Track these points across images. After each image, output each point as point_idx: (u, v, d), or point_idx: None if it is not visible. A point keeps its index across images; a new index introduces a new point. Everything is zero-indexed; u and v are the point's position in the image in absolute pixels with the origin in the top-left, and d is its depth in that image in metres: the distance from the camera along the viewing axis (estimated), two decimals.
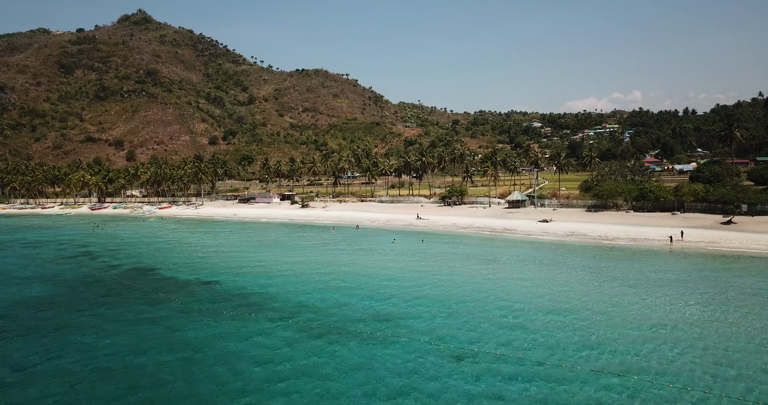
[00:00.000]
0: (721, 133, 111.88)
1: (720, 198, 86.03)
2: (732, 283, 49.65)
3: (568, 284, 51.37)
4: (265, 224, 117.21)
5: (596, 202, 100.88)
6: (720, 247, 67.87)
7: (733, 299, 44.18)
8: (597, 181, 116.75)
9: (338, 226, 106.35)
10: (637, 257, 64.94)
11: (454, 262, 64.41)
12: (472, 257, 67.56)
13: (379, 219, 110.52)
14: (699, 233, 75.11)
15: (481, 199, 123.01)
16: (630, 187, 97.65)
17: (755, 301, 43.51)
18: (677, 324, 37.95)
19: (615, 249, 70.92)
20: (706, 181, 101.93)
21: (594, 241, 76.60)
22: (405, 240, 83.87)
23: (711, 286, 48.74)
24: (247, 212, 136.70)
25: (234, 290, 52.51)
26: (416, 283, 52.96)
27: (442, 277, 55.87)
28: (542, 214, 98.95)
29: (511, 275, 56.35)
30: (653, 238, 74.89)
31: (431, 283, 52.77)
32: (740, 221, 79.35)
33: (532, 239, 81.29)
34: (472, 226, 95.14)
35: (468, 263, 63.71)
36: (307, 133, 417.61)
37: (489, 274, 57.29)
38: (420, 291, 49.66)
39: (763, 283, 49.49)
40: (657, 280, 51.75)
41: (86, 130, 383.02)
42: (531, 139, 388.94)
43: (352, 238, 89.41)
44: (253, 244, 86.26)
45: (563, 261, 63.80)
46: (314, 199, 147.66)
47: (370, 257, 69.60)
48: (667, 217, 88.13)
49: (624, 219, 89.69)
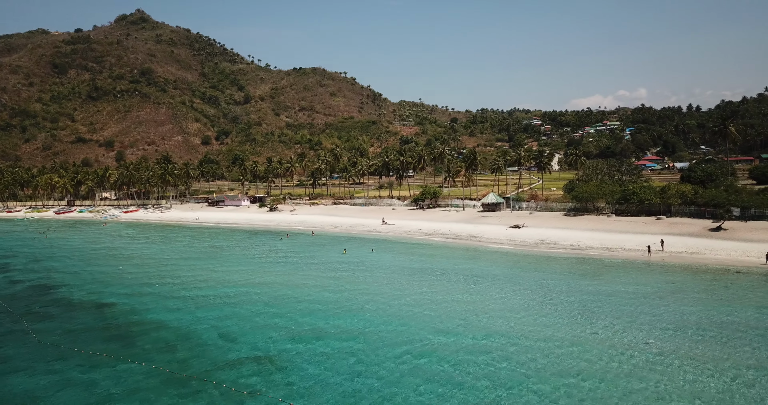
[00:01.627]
0: (715, 128, 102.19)
1: (710, 201, 76.79)
2: (708, 312, 40.72)
3: (505, 310, 42.67)
4: (221, 230, 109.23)
5: (576, 205, 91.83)
6: (704, 259, 58.83)
7: (704, 338, 35.30)
8: (583, 182, 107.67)
9: (295, 232, 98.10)
10: (605, 272, 56.00)
11: (395, 278, 55.88)
12: (418, 272, 58.83)
13: (343, 224, 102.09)
14: (683, 242, 66.02)
15: (456, 202, 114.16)
16: (612, 189, 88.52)
17: (737, 342, 34.57)
18: (616, 376, 29.17)
19: (584, 261, 62.02)
20: (699, 181, 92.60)
21: (564, 252, 67.71)
22: (357, 250, 75.37)
23: (679, 316, 39.84)
24: (211, 216, 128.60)
25: (120, 316, 44.83)
26: (330, 307, 44.58)
27: (365, 298, 47.42)
28: (516, 219, 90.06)
29: (448, 296, 47.73)
30: (630, 248, 65.90)
31: (346, 309, 44.29)
32: (731, 227, 70.14)
33: (495, 249, 72.47)
34: (437, 233, 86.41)
35: (408, 280, 55.12)
36: (302, 132, 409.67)
37: (424, 294, 48.72)
38: (327, 321, 41.16)
39: (748, 311, 40.48)
40: (614, 305, 42.91)
41: (77, 130, 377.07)
42: (530, 137, 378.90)
43: (301, 247, 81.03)
44: (190, 254, 78.13)
45: (518, 277, 55.02)
46: (283, 202, 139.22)
47: (303, 272, 61.26)
48: (652, 222, 78.99)
49: (603, 224, 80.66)
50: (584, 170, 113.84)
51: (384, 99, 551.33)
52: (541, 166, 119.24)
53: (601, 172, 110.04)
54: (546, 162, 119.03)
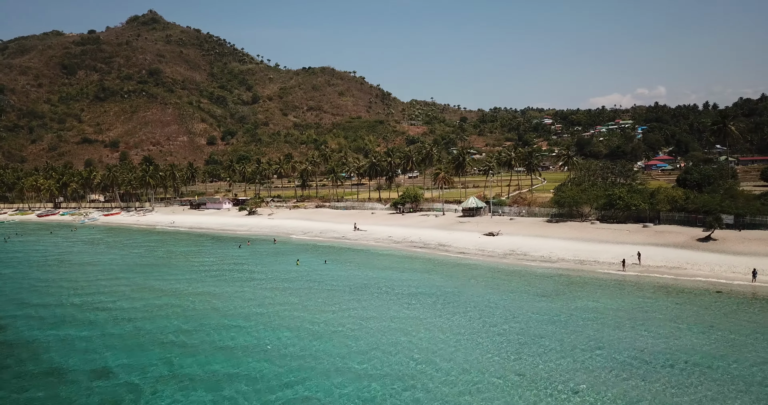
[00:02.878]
0: (713, 127, 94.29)
1: (701, 207, 69.46)
2: (669, 348, 34.14)
3: (425, 340, 36.48)
4: (189, 235, 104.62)
5: (560, 210, 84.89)
6: (683, 276, 51.90)
7: (651, 385, 28.78)
8: (575, 185, 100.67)
9: (261, 238, 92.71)
10: (567, 291, 49.40)
11: (328, 297, 50.19)
12: (359, 289, 52.84)
13: (314, 230, 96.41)
14: (664, 254, 59.01)
15: (437, 206, 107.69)
16: (597, 194, 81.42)
17: (699, 389, 28.01)
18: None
19: (551, 276, 55.43)
20: (695, 184, 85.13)
21: (532, 264, 61.14)
22: (312, 260, 69.69)
23: (630, 353, 33.30)
24: (187, 220, 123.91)
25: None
26: (219, 336, 38.78)
27: (277, 323, 41.57)
28: (494, 225, 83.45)
29: (370, 323, 41.74)
30: (605, 261, 59.10)
31: (244, 335, 38.47)
32: (722, 237, 62.85)
33: (459, 260, 66.15)
34: (406, 241, 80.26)
35: (341, 299, 49.29)
36: (308, 132, 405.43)
37: (345, 318, 42.83)
38: (200, 357, 35.38)
39: (716, 347, 33.78)
40: (558, 336, 36.51)
41: (83, 131, 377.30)
42: (540, 136, 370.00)
43: (255, 256, 75.62)
44: (138, 263, 73.34)
45: (468, 295, 48.79)
46: (262, 205, 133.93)
47: (234, 288, 55.74)
48: (637, 230, 71.87)
49: (584, 232, 73.73)
50: (576, 172, 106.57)
51: (393, 98, 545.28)
52: (531, 167, 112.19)
53: (594, 173, 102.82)
54: (536, 163, 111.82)
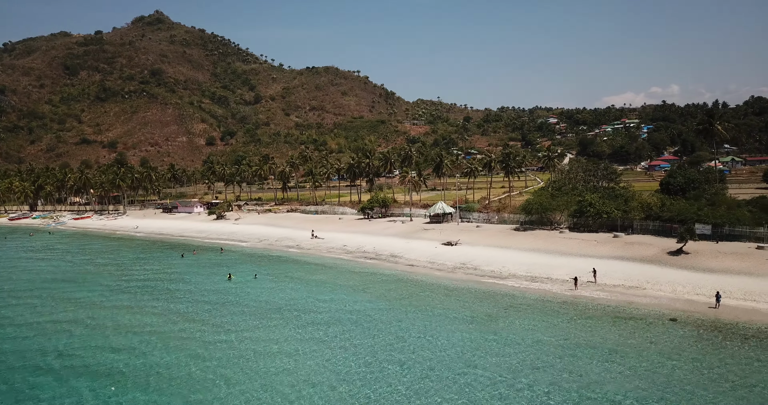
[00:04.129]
0: (699, 127, 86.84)
1: (676, 215, 62.38)
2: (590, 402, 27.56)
3: (303, 383, 30.17)
4: (144, 241, 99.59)
5: (530, 217, 78.08)
6: (641, 297, 45.18)
7: None
8: (555, 188, 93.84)
9: (210, 246, 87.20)
10: (503, 316, 42.99)
11: (238, 320, 44.52)
12: (277, 310, 47.02)
13: (271, 237, 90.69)
14: (626, 270, 52.24)
15: (409, 212, 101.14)
16: (567, 200, 74.48)
17: None
18: None
19: (493, 296, 48.99)
20: (678, 188, 77.85)
21: (477, 281, 54.66)
22: (247, 274, 63.60)
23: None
24: (151, 225, 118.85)
25: None
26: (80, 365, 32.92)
27: (155, 347, 35.66)
28: (456, 234, 76.96)
29: (249, 362, 35.53)
30: (558, 278, 52.46)
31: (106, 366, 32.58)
32: (695, 250, 55.80)
33: (404, 274, 59.86)
34: (359, 250, 74.10)
35: (251, 322, 43.93)
36: (308, 133, 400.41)
37: (228, 351, 36.70)
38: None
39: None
40: (461, 381, 30.03)
41: (83, 131, 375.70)
42: (544, 136, 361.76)
43: (192, 267, 70.14)
44: (70, 273, 69.19)
45: (387, 321, 42.69)
46: (234, 209, 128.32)
47: (141, 304, 50.15)
48: (607, 240, 64.97)
49: (549, 243, 66.97)
50: (556, 175, 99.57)
51: (397, 98, 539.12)
52: (509, 169, 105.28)
53: (575, 177, 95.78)
54: (514, 165, 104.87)
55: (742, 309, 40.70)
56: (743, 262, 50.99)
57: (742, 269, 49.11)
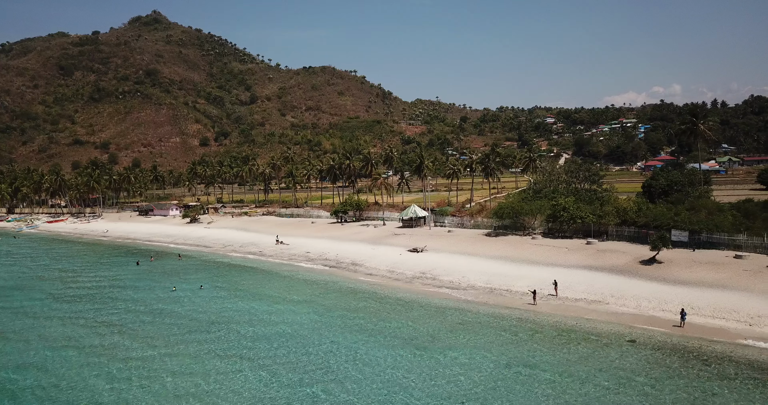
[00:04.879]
0: (682, 127, 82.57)
1: (651, 221, 58.30)
2: None
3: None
4: (109, 247, 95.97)
5: (501, 222, 74.08)
6: (602, 313, 41.34)
7: None
8: (535, 191, 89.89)
9: (171, 252, 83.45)
10: (448, 336, 39.17)
11: (159, 339, 40.76)
12: (206, 327, 43.52)
13: (236, 242, 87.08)
14: (591, 282, 48.28)
15: (387, 214, 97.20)
16: (541, 204, 70.38)
17: None
18: None
19: (444, 311, 45.17)
20: (661, 191, 73.87)
21: (435, 292, 50.84)
22: (195, 284, 59.83)
23: None
24: (122, 228, 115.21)
25: None
26: None
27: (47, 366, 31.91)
28: (426, 239, 73.08)
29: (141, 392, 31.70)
30: (518, 290, 48.51)
31: None
32: (670, 259, 51.74)
33: (359, 285, 56.01)
34: (322, 258, 70.33)
35: (175, 337, 40.49)
36: (303, 133, 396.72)
37: (153, 369, 33.03)
38: None
39: None
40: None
41: (75, 132, 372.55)
42: (541, 136, 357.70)
43: (144, 276, 66.49)
44: (16, 280, 64.99)
45: (315, 340, 38.87)
46: (211, 212, 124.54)
47: (68, 314, 46.50)
48: (579, 247, 60.93)
49: (518, 250, 62.95)
50: (536, 177, 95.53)
51: (395, 98, 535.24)
52: (488, 171, 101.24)
53: (557, 178, 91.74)
54: (493, 167, 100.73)
55: (708, 328, 36.73)
56: (718, 273, 46.93)
57: (716, 281, 45.06)
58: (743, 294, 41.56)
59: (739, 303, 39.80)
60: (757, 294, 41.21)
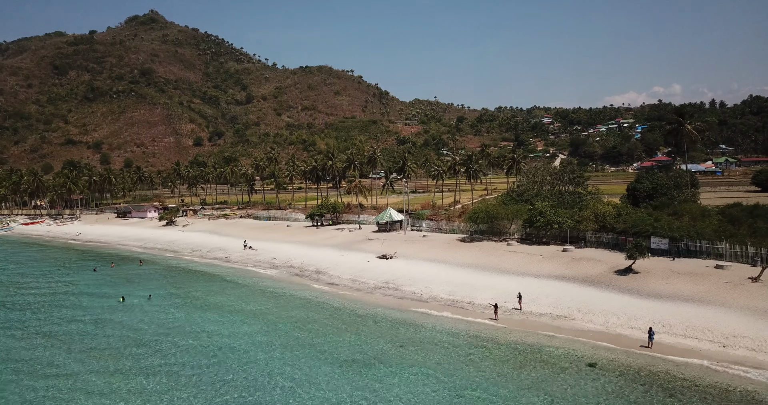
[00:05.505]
0: (668, 127, 78.90)
1: (629, 227, 54.77)
2: None
3: None
4: (73, 251, 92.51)
5: (481, 227, 70.58)
6: (566, 330, 37.93)
7: None
8: (518, 193, 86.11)
9: (134, 257, 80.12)
10: (393, 357, 35.80)
11: (82, 358, 37.52)
12: (141, 344, 40.12)
13: (204, 247, 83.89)
14: (561, 294, 44.94)
15: (364, 218, 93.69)
16: (517, 208, 66.80)
17: None
18: None
19: (397, 326, 41.82)
20: (645, 195, 70.32)
21: (395, 304, 47.48)
22: (147, 294, 56.45)
23: None
24: (95, 231, 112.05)
25: None
26: None
27: None
28: (399, 245, 69.73)
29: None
30: (481, 303, 45.10)
31: None
32: (647, 269, 48.23)
33: (317, 296, 52.69)
34: (287, 265, 67.08)
35: (97, 362, 36.84)
36: (298, 133, 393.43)
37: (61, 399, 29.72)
38: None
39: None
40: None
41: (68, 132, 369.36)
42: (538, 136, 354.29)
43: (98, 283, 63.59)
44: None
45: (244, 358, 35.48)
46: (189, 214, 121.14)
47: None
48: (554, 254, 57.43)
49: (491, 257, 59.48)
50: (521, 178, 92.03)
51: (392, 97, 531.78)
52: (470, 173, 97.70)
53: (540, 180, 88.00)
54: (476, 169, 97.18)
55: (679, 349, 33.28)
56: (696, 284, 43.44)
57: (693, 294, 41.58)
58: (720, 310, 38.08)
59: (714, 320, 36.32)
60: (734, 310, 37.71)
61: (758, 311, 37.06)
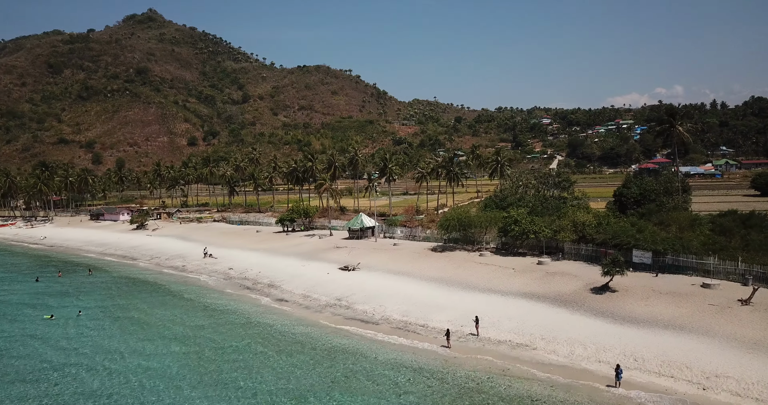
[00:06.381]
0: (658, 128, 73.70)
1: (611, 238, 49.58)
2: None
3: None
4: (28, 257, 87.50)
5: (448, 235, 65.49)
6: (523, 364, 32.81)
7: None
8: (500, 198, 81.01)
9: (86, 265, 75.19)
10: (306, 401, 30.51)
11: None
12: (28, 379, 35.21)
13: (165, 254, 79.06)
14: (524, 317, 39.74)
15: (338, 224, 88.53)
16: (491, 216, 61.56)
17: None
18: None
19: (337, 354, 36.75)
20: (633, 201, 65.24)
21: (339, 326, 42.29)
22: (84, 309, 51.65)
23: None
24: (61, 234, 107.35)
25: None
26: None
27: None
28: (366, 254, 64.76)
29: None
30: (436, 326, 40.06)
31: None
32: (626, 287, 43.06)
33: (262, 312, 47.68)
34: (241, 275, 62.06)
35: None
36: (293, 133, 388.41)
37: None
38: None
39: None
40: None
41: (61, 131, 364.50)
42: (536, 137, 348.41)
43: (33, 296, 58.73)
44: None
45: (141, 395, 30.22)
46: (160, 217, 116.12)
47: None
48: (528, 267, 52.26)
49: (461, 270, 54.38)
50: (504, 182, 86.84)
51: (390, 97, 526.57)
52: (451, 176, 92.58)
53: (524, 183, 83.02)
54: (458, 171, 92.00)
55: (652, 388, 28.31)
56: (679, 307, 38.29)
57: (674, 319, 36.45)
58: (703, 340, 32.92)
59: (695, 354, 31.15)
60: (719, 341, 32.54)
61: (746, 343, 31.88)
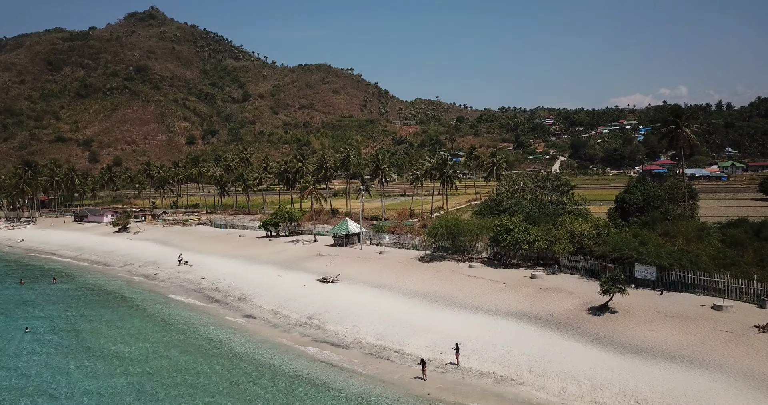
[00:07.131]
0: (663, 130, 69.12)
1: (611, 250, 45.00)
2: None
3: None
4: (8, 260, 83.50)
5: (436, 243, 61.02)
6: (505, 402, 28.15)
7: None
8: (495, 203, 76.42)
9: (53, 271, 71.09)
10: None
11: None
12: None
13: (140, 260, 75.18)
14: (511, 342, 35.32)
15: (321, 229, 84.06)
16: (482, 224, 56.94)
17: None
18: None
19: (295, 388, 32.37)
20: (636, 208, 60.71)
21: (305, 349, 37.94)
22: (31, 324, 47.37)
23: None
24: (42, 236, 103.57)
25: None
26: None
27: None
28: (349, 263, 60.38)
29: None
30: (411, 352, 35.67)
31: None
32: (628, 306, 38.55)
33: (224, 332, 43.30)
34: (212, 286, 57.87)
35: None
36: (293, 132, 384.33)
37: None
38: None
39: None
40: None
41: (59, 129, 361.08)
42: (538, 137, 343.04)
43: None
44: None
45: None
46: (145, 219, 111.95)
47: None
48: (520, 281, 47.71)
49: (447, 283, 49.84)
50: (500, 185, 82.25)
51: (391, 97, 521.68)
52: (445, 179, 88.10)
53: (522, 187, 78.44)
54: (451, 173, 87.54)
55: None
56: (687, 333, 33.73)
57: (682, 348, 31.92)
58: (715, 377, 28.38)
59: (707, 396, 26.60)
60: (734, 378, 27.99)
61: (766, 382, 27.27)
